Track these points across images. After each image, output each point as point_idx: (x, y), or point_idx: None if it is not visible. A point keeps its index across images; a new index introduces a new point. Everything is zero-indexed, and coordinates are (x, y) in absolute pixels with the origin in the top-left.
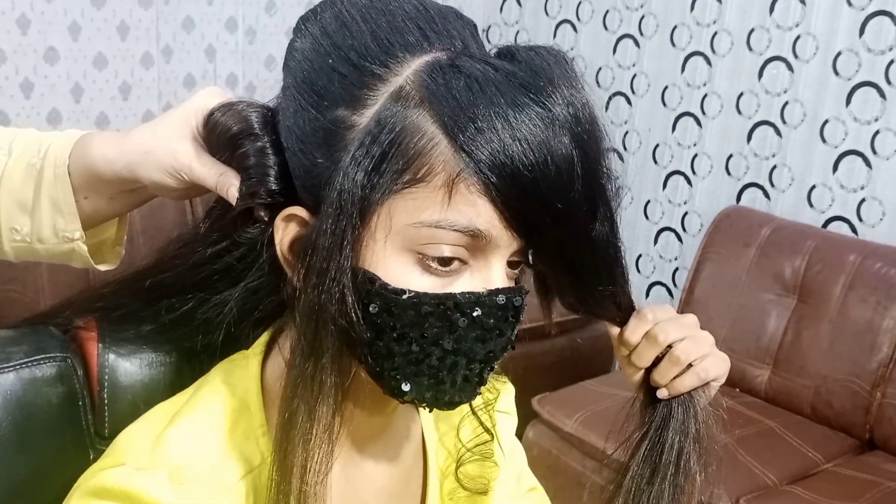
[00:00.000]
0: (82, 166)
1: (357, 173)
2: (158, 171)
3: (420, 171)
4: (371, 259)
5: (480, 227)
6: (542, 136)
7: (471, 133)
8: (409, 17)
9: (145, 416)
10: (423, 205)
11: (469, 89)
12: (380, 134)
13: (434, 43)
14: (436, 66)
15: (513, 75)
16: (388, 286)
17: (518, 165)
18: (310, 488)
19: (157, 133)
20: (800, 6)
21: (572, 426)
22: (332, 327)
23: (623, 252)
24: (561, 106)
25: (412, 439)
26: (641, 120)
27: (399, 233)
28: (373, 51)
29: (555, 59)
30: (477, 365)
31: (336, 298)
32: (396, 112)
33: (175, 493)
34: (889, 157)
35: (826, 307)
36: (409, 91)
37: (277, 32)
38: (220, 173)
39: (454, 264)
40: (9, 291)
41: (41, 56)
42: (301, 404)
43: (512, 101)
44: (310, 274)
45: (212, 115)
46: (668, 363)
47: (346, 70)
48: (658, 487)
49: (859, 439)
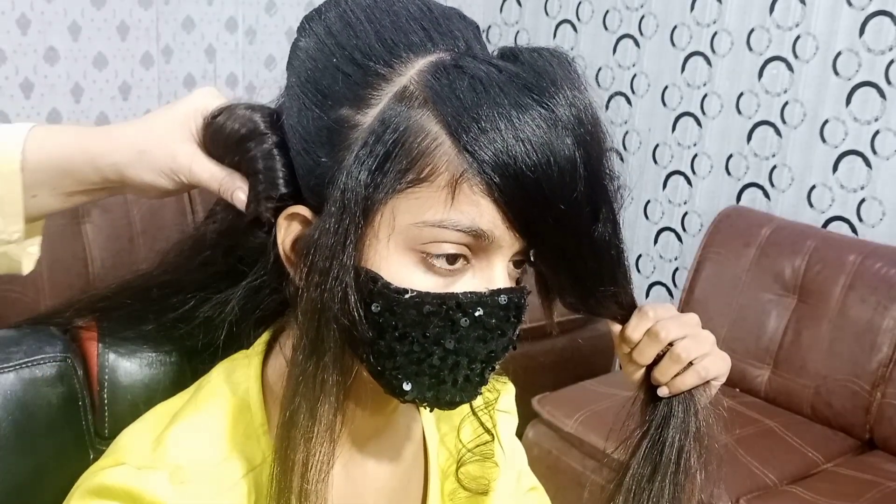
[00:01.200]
0: (45, 160)
1: (361, 172)
2: (152, 172)
3: (423, 171)
4: (374, 258)
5: (483, 228)
6: (545, 137)
7: (474, 133)
8: (413, 17)
9: (146, 416)
10: (426, 204)
11: (473, 90)
12: (383, 133)
13: (438, 43)
14: (440, 66)
15: (516, 76)
16: (390, 285)
17: (521, 166)
18: (311, 486)
19: (153, 132)
20: (800, 6)
21: (572, 426)
22: (334, 326)
23: (625, 253)
24: (564, 107)
25: (413, 439)
26: (641, 120)
27: (402, 232)
28: (377, 51)
29: (558, 61)
30: (478, 365)
31: (338, 297)
32: (400, 112)
33: (176, 493)
34: (889, 157)
35: (826, 307)
36: (413, 91)
37: (277, 32)
38: (223, 176)
39: (457, 264)
40: (9, 291)
41: (41, 56)
42: (303, 403)
43: (515, 101)
44: (312, 273)
45: (214, 118)
46: (669, 361)
47: (351, 69)
48: (658, 486)
49: (859, 439)
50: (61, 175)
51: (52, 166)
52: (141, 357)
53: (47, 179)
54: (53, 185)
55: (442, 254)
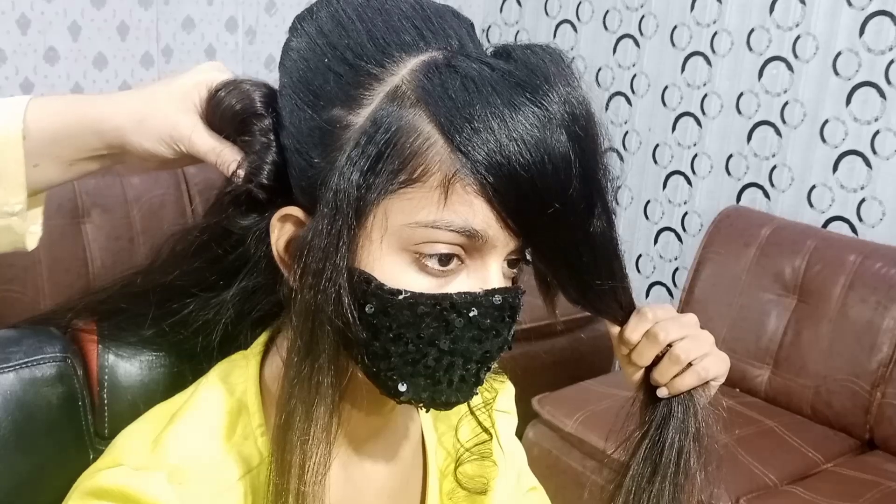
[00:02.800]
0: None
1: (353, 173)
2: (152, 139)
3: (416, 172)
4: (367, 259)
5: (477, 227)
6: (538, 135)
7: (467, 133)
8: (405, 16)
9: (144, 417)
10: (419, 205)
11: (465, 89)
12: (375, 133)
13: (430, 42)
14: (432, 65)
15: (509, 74)
16: (383, 286)
17: (515, 165)
18: (308, 488)
19: (155, 101)
20: (800, 6)
21: (572, 426)
22: (328, 328)
23: (621, 246)
24: (557, 104)
25: (411, 439)
26: (641, 120)
27: (395, 233)
28: (369, 50)
29: (551, 57)
30: (473, 365)
31: (332, 299)
32: (392, 112)
33: (174, 494)
34: (889, 157)
35: (826, 307)
36: (405, 91)
37: (277, 32)
38: (222, 149)
39: (451, 264)
40: (9, 291)
41: (41, 56)
42: (298, 405)
43: (508, 100)
44: (305, 274)
45: (217, 91)
46: (669, 362)
47: (342, 69)
48: (658, 486)
49: (859, 439)
50: (63, 141)
51: (54, 133)
52: (140, 358)
53: (49, 147)
54: (55, 154)
55: (435, 254)
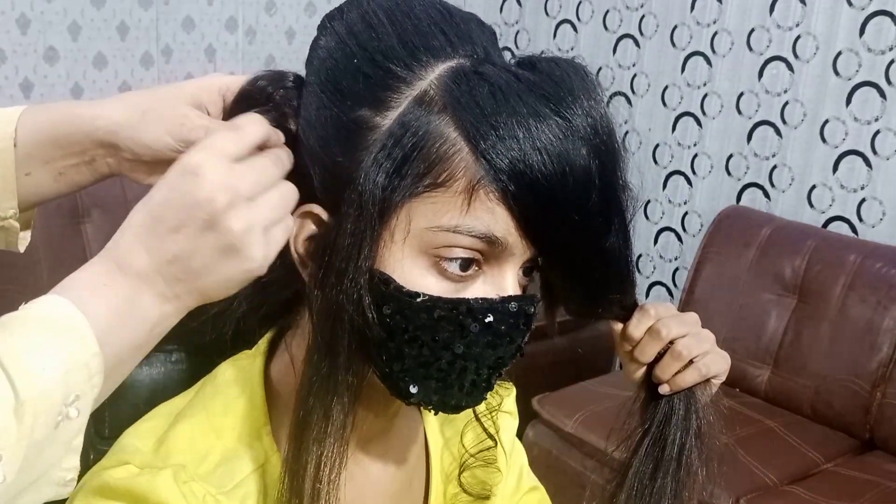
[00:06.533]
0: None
1: (378, 175)
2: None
3: (441, 176)
4: (387, 261)
5: (497, 234)
6: (561, 146)
7: (492, 141)
8: (434, 21)
9: (149, 416)
10: (442, 209)
11: (492, 97)
12: (402, 137)
13: (458, 48)
14: (460, 72)
15: (535, 85)
16: (402, 288)
17: (537, 175)
18: (322, 487)
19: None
20: (800, 6)
21: (572, 426)
22: (348, 327)
23: (633, 262)
24: (581, 117)
25: (415, 442)
26: (641, 120)
27: (417, 236)
28: (398, 53)
29: (575, 71)
30: (486, 370)
31: (353, 299)
32: (420, 116)
33: (179, 492)
34: (889, 157)
35: (826, 307)
36: (433, 96)
37: (277, 32)
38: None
39: (469, 270)
40: (9, 291)
41: (41, 56)
42: (317, 403)
43: (533, 110)
44: (328, 274)
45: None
46: (670, 358)
47: (371, 71)
48: (660, 483)
49: (859, 439)
50: (52, 144)
51: (44, 138)
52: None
53: (39, 153)
54: (45, 159)
55: (455, 258)
